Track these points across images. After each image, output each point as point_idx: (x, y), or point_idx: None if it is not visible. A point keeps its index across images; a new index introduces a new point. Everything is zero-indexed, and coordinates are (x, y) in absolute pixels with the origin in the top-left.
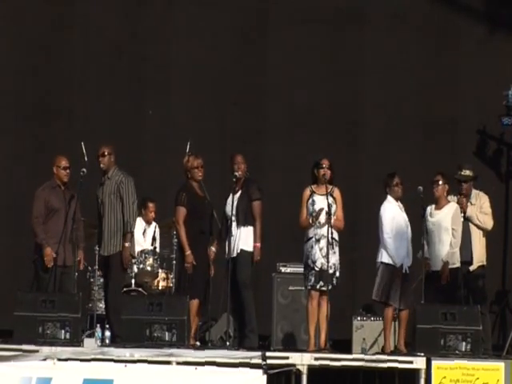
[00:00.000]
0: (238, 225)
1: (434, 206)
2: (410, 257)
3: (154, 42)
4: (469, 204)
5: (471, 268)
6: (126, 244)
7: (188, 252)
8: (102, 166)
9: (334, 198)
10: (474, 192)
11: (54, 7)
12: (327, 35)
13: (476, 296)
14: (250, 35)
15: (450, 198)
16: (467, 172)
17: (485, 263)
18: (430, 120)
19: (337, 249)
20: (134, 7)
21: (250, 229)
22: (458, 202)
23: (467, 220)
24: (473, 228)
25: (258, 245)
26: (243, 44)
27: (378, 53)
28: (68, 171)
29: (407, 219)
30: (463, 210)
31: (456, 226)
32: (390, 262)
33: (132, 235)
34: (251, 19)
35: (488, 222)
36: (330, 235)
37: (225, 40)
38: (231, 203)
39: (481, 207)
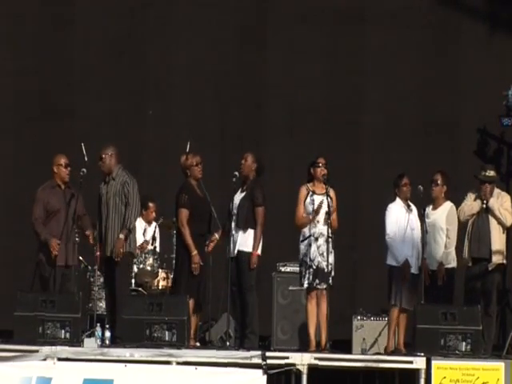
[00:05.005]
0: (238, 226)
1: (431, 206)
2: (419, 259)
3: (154, 41)
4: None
5: (490, 266)
6: (121, 235)
7: (194, 252)
8: (102, 169)
9: (330, 198)
10: (496, 191)
11: (54, 7)
12: (327, 35)
13: (490, 296)
14: (250, 35)
15: (470, 195)
16: (492, 173)
17: (505, 261)
18: (430, 120)
19: (332, 248)
20: (134, 7)
21: (251, 231)
22: (483, 189)
23: (488, 211)
24: (492, 223)
25: (256, 253)
26: (243, 44)
27: (378, 53)
28: (69, 169)
29: (416, 220)
30: (486, 198)
31: (450, 226)
32: (393, 263)
33: (130, 232)
34: (251, 19)
35: (508, 218)
36: (329, 234)
37: (225, 40)
38: (232, 202)
39: (501, 205)
